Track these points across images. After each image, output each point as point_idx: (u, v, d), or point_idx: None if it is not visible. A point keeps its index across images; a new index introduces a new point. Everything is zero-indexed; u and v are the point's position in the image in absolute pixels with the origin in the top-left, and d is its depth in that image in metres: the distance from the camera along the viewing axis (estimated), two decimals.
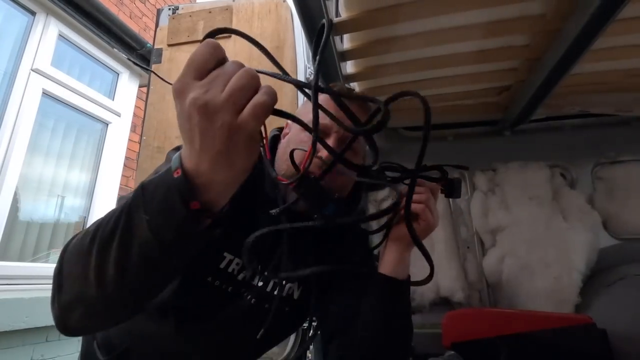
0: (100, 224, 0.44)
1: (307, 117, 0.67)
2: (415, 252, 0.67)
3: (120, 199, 0.63)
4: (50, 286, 0.45)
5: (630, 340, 1.01)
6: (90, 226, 0.46)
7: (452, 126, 1.36)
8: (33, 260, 2.08)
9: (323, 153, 0.62)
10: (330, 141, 0.64)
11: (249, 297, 0.68)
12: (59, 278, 0.45)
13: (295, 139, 0.69)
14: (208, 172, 0.38)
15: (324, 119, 0.65)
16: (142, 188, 0.42)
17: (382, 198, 1.40)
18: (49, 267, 2.08)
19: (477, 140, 1.38)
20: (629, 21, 0.80)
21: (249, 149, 0.37)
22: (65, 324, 0.46)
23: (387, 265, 0.68)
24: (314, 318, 0.79)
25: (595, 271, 1.19)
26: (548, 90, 1.01)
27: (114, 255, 0.41)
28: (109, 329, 0.69)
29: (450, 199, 1.38)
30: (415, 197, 0.66)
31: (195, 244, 0.43)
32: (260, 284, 0.68)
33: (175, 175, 0.39)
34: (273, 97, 0.36)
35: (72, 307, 0.44)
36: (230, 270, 0.65)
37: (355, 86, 1.12)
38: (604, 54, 0.92)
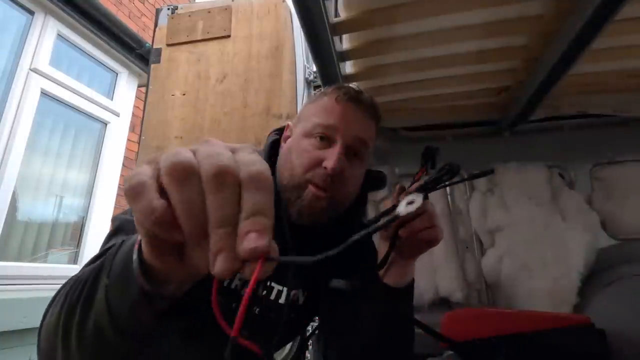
0: (71, 288, 0.39)
1: (311, 120, 0.66)
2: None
3: (114, 219, 0.59)
4: (49, 286, 0.45)
5: (629, 340, 1.02)
6: (65, 286, 0.42)
7: (451, 126, 1.36)
8: (31, 260, 2.07)
9: (328, 163, 0.59)
10: (336, 146, 0.61)
11: (254, 307, 0.67)
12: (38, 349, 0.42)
13: (297, 146, 0.64)
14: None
15: (330, 119, 0.64)
16: (120, 246, 0.36)
17: (380, 198, 1.40)
18: (47, 267, 2.07)
19: (476, 141, 1.38)
20: (627, 22, 0.80)
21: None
22: None
23: (392, 274, 0.65)
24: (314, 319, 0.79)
25: (593, 271, 1.19)
26: (547, 91, 1.01)
27: (75, 329, 0.36)
28: None
29: (449, 200, 1.38)
30: (421, 223, 0.59)
31: (151, 328, 0.35)
32: (264, 292, 0.67)
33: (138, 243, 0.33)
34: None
35: None
36: (233, 286, 0.64)
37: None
38: (602, 54, 0.92)
